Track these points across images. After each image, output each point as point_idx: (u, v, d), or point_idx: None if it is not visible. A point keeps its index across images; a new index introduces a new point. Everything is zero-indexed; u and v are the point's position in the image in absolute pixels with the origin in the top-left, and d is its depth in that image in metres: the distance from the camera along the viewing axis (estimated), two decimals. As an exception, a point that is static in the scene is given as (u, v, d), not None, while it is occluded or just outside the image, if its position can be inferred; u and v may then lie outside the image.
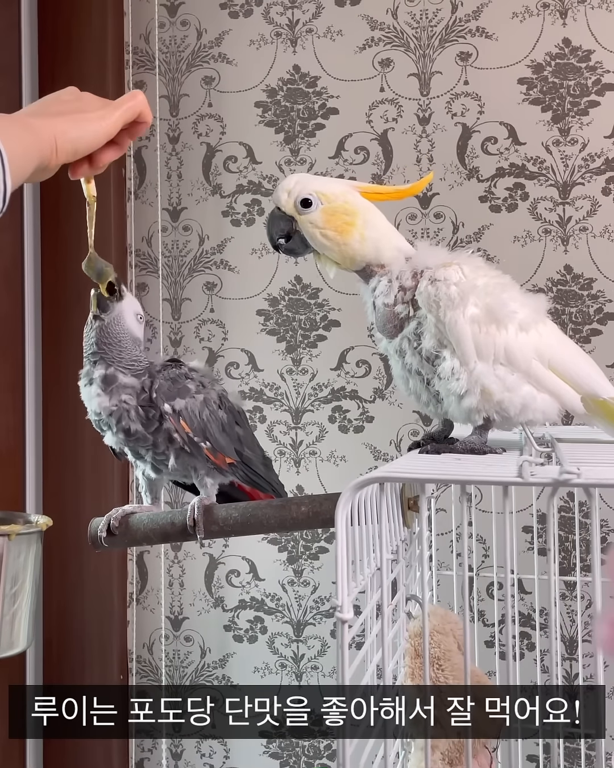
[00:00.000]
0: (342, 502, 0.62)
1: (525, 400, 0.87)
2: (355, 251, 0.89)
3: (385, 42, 1.60)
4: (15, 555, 0.73)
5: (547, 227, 1.54)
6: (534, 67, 1.55)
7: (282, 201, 0.90)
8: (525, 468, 0.64)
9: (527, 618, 1.49)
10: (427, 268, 0.88)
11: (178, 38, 1.68)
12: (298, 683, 1.60)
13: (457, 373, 0.85)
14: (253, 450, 1.06)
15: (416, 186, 0.95)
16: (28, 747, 1.61)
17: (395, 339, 0.90)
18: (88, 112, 0.69)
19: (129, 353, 0.98)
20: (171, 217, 1.68)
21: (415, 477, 0.63)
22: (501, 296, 0.88)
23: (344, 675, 0.64)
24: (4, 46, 1.59)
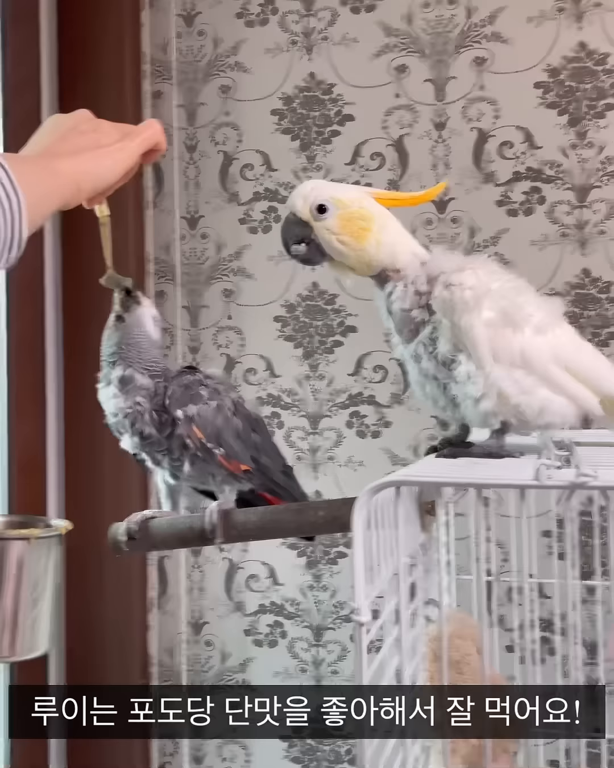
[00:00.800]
0: (358, 505, 0.62)
1: (543, 404, 0.87)
2: (371, 257, 0.89)
3: (400, 48, 1.61)
4: (35, 559, 0.74)
5: (565, 231, 1.54)
6: (550, 71, 1.55)
7: (298, 207, 0.89)
8: (541, 471, 0.64)
9: (548, 623, 1.48)
10: (442, 272, 0.88)
11: (194, 48, 1.70)
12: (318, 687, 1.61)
13: (473, 377, 0.86)
14: (272, 458, 1.06)
15: (430, 193, 0.95)
16: (51, 748, 1.62)
17: (411, 344, 0.91)
18: (106, 144, 0.68)
19: (148, 354, 1.00)
20: (189, 226, 1.69)
21: (431, 481, 0.64)
22: (517, 299, 0.88)
23: (362, 678, 0.64)
24: (24, 59, 1.61)
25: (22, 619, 0.74)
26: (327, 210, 0.88)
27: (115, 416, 1.00)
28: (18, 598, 0.73)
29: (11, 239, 0.54)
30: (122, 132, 0.71)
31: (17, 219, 0.54)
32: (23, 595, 0.74)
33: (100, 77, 1.65)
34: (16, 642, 0.74)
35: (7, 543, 0.74)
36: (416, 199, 0.95)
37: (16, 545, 0.74)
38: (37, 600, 0.75)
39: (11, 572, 0.73)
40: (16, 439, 1.57)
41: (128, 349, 0.99)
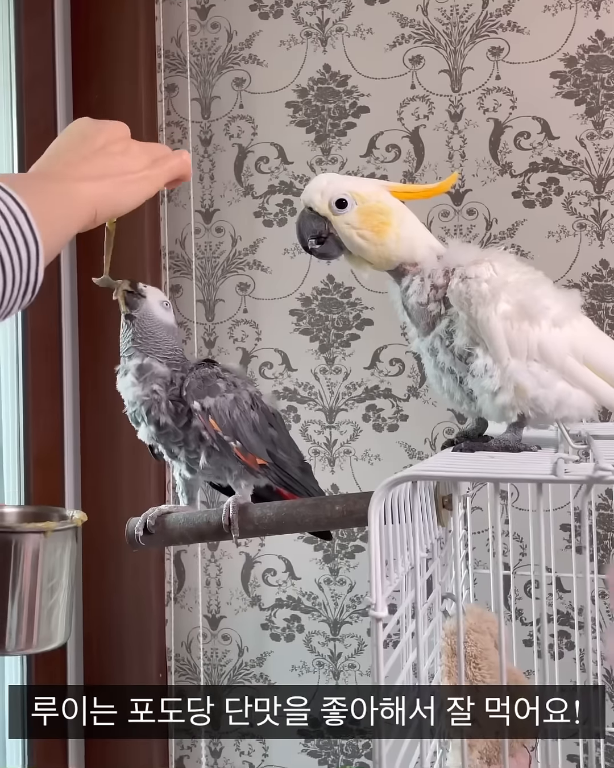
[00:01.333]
0: (375, 500, 0.62)
1: (560, 397, 0.87)
2: (391, 251, 0.88)
3: (416, 39, 1.60)
4: (51, 551, 0.74)
5: (582, 222, 1.52)
6: (566, 60, 1.53)
7: (315, 201, 0.88)
8: (559, 465, 0.63)
9: (566, 617, 1.47)
10: (459, 265, 0.88)
11: (208, 41, 1.70)
12: (336, 682, 1.61)
13: (490, 371, 0.85)
14: (289, 453, 1.06)
15: (443, 185, 0.94)
16: (70, 746, 1.63)
17: (427, 337, 0.90)
18: (132, 171, 0.65)
19: (166, 343, 1.00)
20: (204, 219, 1.69)
21: (448, 475, 0.63)
22: (534, 292, 0.87)
23: (379, 673, 0.64)
24: (38, 53, 1.61)
25: (39, 611, 0.74)
26: (346, 204, 0.87)
27: (133, 405, 1.00)
28: (34, 591, 0.74)
29: (27, 284, 0.53)
30: (151, 157, 0.68)
31: (34, 265, 0.53)
32: (39, 587, 0.74)
33: (114, 71, 1.65)
34: (33, 634, 0.74)
35: (23, 536, 0.74)
36: (430, 192, 0.94)
37: (32, 538, 0.74)
38: (54, 592, 0.75)
39: (27, 565, 0.74)
40: (33, 433, 1.57)
41: (145, 342, 1.00)
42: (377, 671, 0.64)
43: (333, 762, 1.61)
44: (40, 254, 0.53)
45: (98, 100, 1.64)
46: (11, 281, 0.51)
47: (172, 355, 1.00)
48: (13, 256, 0.51)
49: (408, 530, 0.70)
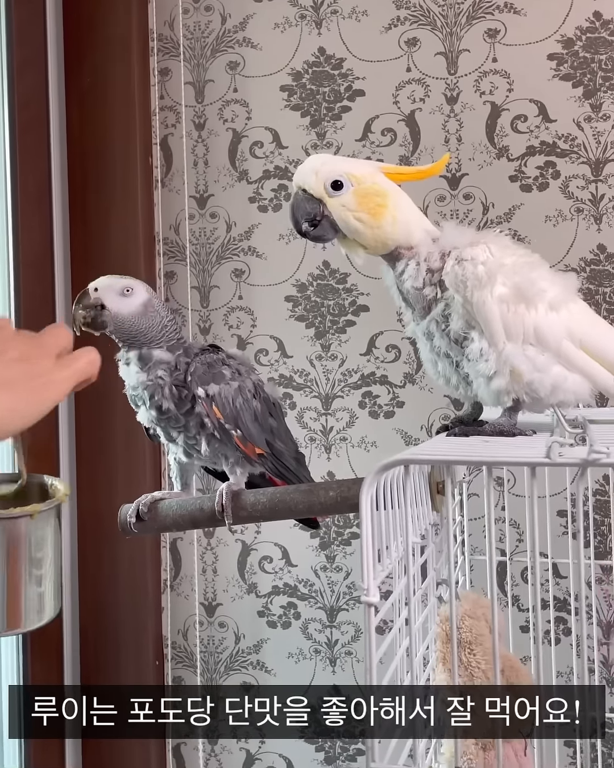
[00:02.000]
0: (366, 484, 0.61)
1: (556, 381, 0.86)
2: (388, 234, 0.87)
3: (411, 21, 1.58)
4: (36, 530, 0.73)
5: (579, 206, 1.51)
6: (564, 42, 1.51)
7: (310, 183, 0.87)
8: (553, 449, 0.63)
9: (563, 603, 1.47)
10: (455, 248, 0.87)
11: (202, 24, 1.67)
12: (332, 669, 1.60)
13: (486, 354, 0.84)
14: (286, 443, 1.05)
15: (435, 166, 0.93)
16: (67, 746, 1.63)
17: (423, 322, 0.89)
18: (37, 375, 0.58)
19: (152, 330, 0.98)
20: (198, 205, 1.68)
21: (440, 459, 0.62)
22: (530, 275, 0.86)
23: (371, 659, 0.63)
24: (30, 36, 1.59)
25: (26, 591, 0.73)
26: (342, 186, 0.86)
27: (135, 389, 0.99)
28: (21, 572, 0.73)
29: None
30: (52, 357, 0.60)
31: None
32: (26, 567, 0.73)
33: (107, 54, 1.63)
34: (21, 614, 0.73)
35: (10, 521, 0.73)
36: (423, 173, 0.93)
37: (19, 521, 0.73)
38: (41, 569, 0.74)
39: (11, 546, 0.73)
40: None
41: (133, 340, 0.98)
42: (369, 657, 0.63)
43: (330, 748, 1.61)
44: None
45: (90, 84, 1.62)
46: None
47: (162, 337, 0.99)
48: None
49: (402, 515, 0.69)
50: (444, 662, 0.87)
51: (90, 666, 1.65)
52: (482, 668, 0.88)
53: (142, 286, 0.99)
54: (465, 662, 0.87)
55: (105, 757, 1.63)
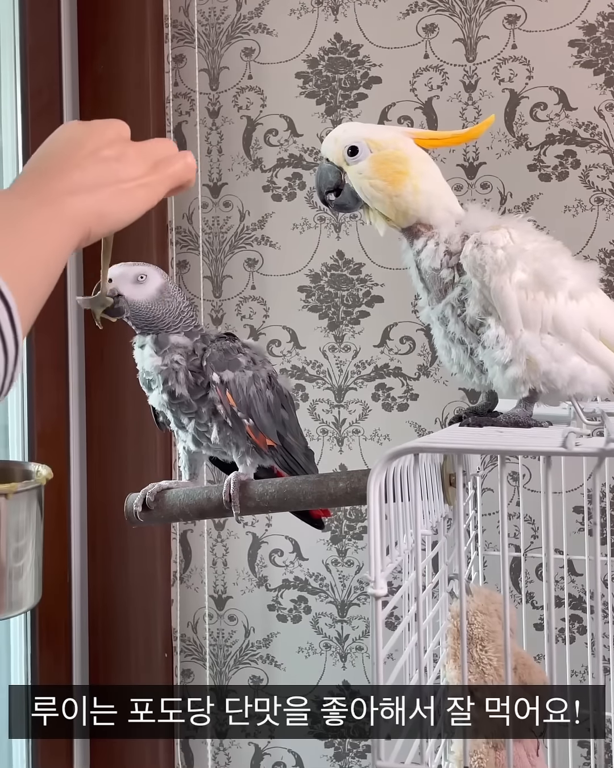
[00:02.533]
0: (375, 472, 0.59)
1: (574, 372, 0.83)
2: (408, 204, 0.84)
3: (429, 7, 1.55)
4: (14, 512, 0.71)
5: (600, 196, 1.48)
6: (585, 28, 1.48)
7: (330, 150, 0.85)
8: (569, 439, 0.60)
9: (578, 600, 1.44)
10: (476, 231, 0.84)
11: (217, 10, 1.65)
12: (343, 664, 1.59)
13: (502, 342, 0.82)
14: (297, 437, 1.04)
15: (474, 130, 0.88)
16: (76, 746, 1.62)
17: (438, 305, 0.86)
18: (128, 179, 0.57)
19: (169, 315, 0.97)
20: (211, 193, 1.66)
21: (452, 447, 0.60)
22: (551, 262, 0.84)
23: (378, 653, 0.61)
24: (43, 22, 1.58)
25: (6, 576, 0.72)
26: (358, 152, 0.83)
27: (149, 374, 0.97)
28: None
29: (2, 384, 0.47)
30: (150, 160, 0.60)
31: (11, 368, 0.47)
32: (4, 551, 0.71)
33: (121, 41, 1.61)
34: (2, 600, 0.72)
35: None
36: (458, 138, 0.89)
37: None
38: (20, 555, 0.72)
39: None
40: (38, 409, 1.55)
41: (148, 324, 0.96)
42: (376, 652, 0.61)
43: (340, 745, 1.59)
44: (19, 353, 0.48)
45: (104, 71, 1.61)
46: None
47: (187, 326, 0.97)
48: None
49: (412, 507, 0.67)
50: (455, 659, 0.85)
51: (99, 658, 1.64)
52: (494, 665, 0.86)
53: (157, 272, 0.97)
54: (477, 659, 0.85)
55: (114, 749, 1.62)
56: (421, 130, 0.88)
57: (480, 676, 0.85)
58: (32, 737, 1.51)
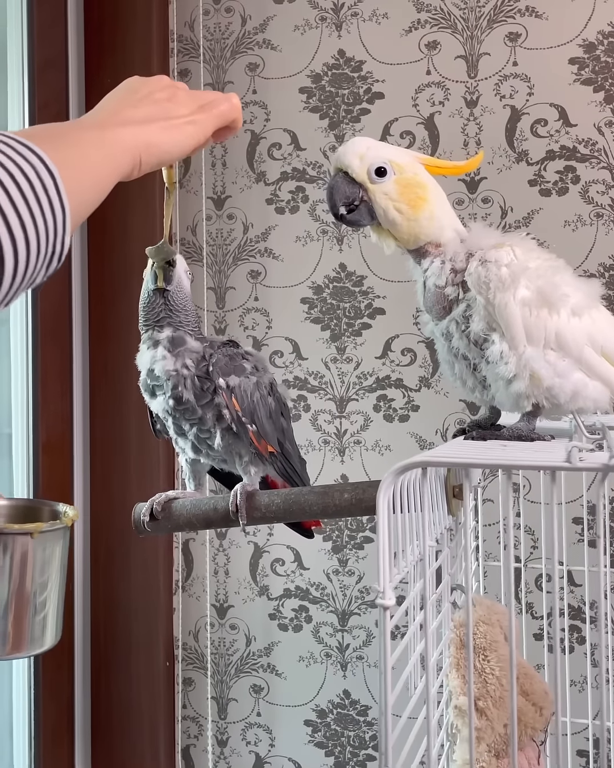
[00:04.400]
0: (383, 486, 0.60)
1: (577, 387, 0.85)
2: (422, 228, 0.86)
3: (432, 24, 1.57)
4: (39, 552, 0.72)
5: (599, 211, 1.50)
6: (585, 46, 1.50)
7: (354, 166, 0.85)
8: (574, 453, 0.62)
9: (577, 611, 1.46)
10: (480, 249, 0.86)
11: (222, 25, 1.68)
12: (343, 673, 1.60)
13: (506, 357, 0.83)
14: (293, 445, 1.06)
15: (472, 162, 0.92)
16: (77, 731, 1.63)
17: (442, 321, 0.88)
18: (178, 116, 0.63)
19: (193, 315, 0.99)
20: (215, 206, 1.68)
21: (459, 462, 0.62)
22: (554, 279, 0.86)
23: (386, 663, 0.63)
24: (51, 37, 1.60)
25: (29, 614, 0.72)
26: (386, 173, 0.85)
27: (156, 379, 0.98)
28: (23, 594, 0.72)
29: (53, 254, 0.50)
30: (198, 102, 0.66)
31: (60, 234, 0.49)
32: (28, 590, 0.72)
33: (127, 55, 1.63)
34: (23, 638, 0.72)
35: (10, 537, 0.72)
36: (459, 169, 0.92)
37: (20, 539, 0.72)
38: (43, 594, 0.73)
39: (15, 567, 0.72)
40: (42, 418, 1.57)
41: (177, 315, 0.98)
42: (384, 661, 0.63)
43: (340, 753, 1.60)
44: (67, 222, 0.50)
45: (110, 85, 1.62)
46: (35, 251, 0.47)
47: (196, 330, 0.99)
48: (38, 224, 0.47)
49: (418, 519, 0.68)
50: (458, 668, 0.86)
51: (100, 666, 1.65)
52: (496, 675, 0.87)
53: None
54: (479, 668, 0.86)
55: (115, 758, 1.63)
56: (429, 157, 0.90)
57: (482, 686, 0.86)
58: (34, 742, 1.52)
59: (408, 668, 0.75)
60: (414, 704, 0.74)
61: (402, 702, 0.70)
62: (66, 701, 1.61)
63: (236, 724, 1.65)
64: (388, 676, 0.63)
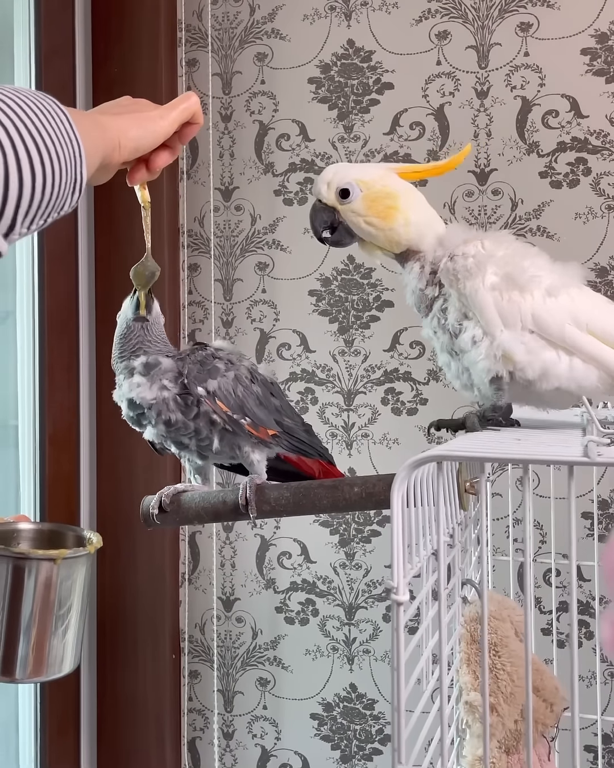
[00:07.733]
0: (398, 480, 0.59)
1: (546, 365, 0.85)
2: (401, 235, 0.89)
3: (442, 14, 1.56)
4: (63, 577, 0.72)
5: (610, 203, 1.48)
6: (598, 36, 1.49)
7: (323, 193, 0.90)
8: (591, 448, 0.61)
9: (585, 606, 1.45)
10: (455, 247, 0.88)
11: (230, 14, 1.66)
12: (350, 667, 1.59)
13: (478, 341, 0.86)
14: (293, 418, 1.06)
15: (453, 160, 0.94)
16: (83, 723, 1.63)
17: (426, 320, 0.92)
18: (149, 113, 0.74)
19: (164, 340, 0.99)
20: (223, 197, 1.67)
21: (476, 456, 0.61)
22: (522, 263, 0.87)
23: (399, 659, 0.62)
24: (58, 26, 1.59)
25: (49, 639, 0.72)
26: (350, 193, 0.89)
27: (137, 409, 0.97)
28: (45, 619, 0.72)
29: (74, 182, 0.58)
30: (160, 106, 0.77)
31: (79, 163, 0.58)
32: (50, 615, 0.72)
33: (135, 45, 1.62)
34: (43, 662, 0.72)
35: (34, 563, 0.72)
36: (440, 168, 0.94)
37: (44, 565, 0.72)
38: (65, 619, 0.73)
39: (38, 592, 0.72)
40: (48, 411, 1.56)
41: (150, 345, 0.97)
42: (397, 657, 0.62)
43: (346, 747, 1.60)
44: (82, 153, 0.58)
45: (117, 74, 1.62)
46: (59, 176, 0.56)
47: (167, 349, 0.99)
48: (61, 151, 0.56)
49: (431, 513, 0.68)
50: (469, 663, 0.85)
51: (106, 658, 1.65)
52: (507, 670, 0.86)
53: None
54: (490, 664, 0.85)
55: (120, 750, 1.63)
56: (403, 165, 0.93)
57: (493, 682, 0.86)
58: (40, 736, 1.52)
59: (420, 663, 0.75)
60: (426, 699, 0.73)
61: (413, 697, 0.70)
62: (72, 693, 1.61)
63: (242, 717, 1.65)
64: (402, 672, 0.62)
